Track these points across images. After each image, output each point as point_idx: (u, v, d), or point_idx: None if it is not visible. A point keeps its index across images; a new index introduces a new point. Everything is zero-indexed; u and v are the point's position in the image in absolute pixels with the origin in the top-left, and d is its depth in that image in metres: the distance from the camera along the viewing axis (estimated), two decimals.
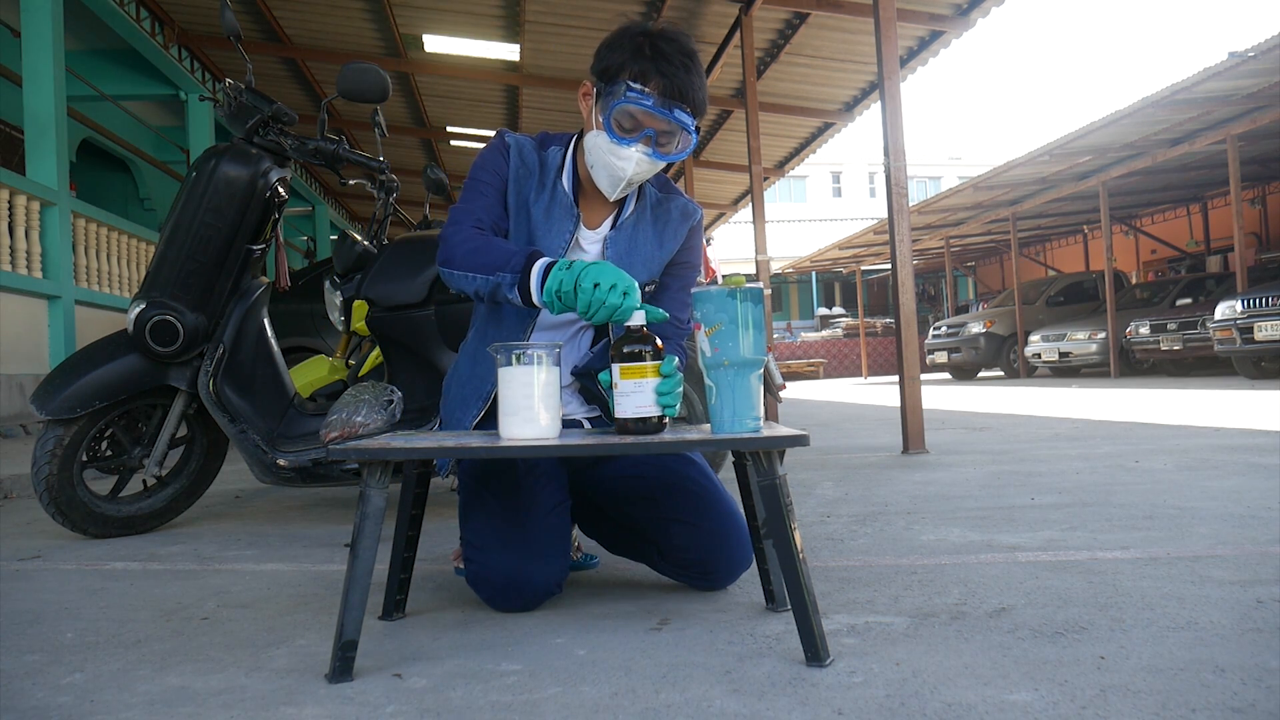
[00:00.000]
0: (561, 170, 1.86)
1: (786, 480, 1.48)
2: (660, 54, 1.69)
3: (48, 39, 7.07)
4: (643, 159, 1.73)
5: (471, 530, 1.81)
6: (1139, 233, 17.98)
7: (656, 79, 1.68)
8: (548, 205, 1.83)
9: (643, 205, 1.89)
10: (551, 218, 1.82)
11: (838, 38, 8.01)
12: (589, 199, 1.87)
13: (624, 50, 1.72)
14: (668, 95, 1.69)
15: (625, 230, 1.87)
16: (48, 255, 7.23)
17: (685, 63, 1.70)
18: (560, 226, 1.82)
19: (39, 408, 2.72)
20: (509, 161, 1.84)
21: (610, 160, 1.74)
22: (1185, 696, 1.22)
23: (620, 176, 1.75)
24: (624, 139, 1.72)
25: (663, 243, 1.90)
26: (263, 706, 1.31)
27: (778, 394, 3.28)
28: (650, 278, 1.89)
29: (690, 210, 1.94)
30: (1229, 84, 9.28)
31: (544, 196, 1.83)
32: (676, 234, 1.91)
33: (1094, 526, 2.43)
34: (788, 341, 24.52)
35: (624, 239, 1.86)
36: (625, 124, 1.72)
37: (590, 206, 1.88)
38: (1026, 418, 6.65)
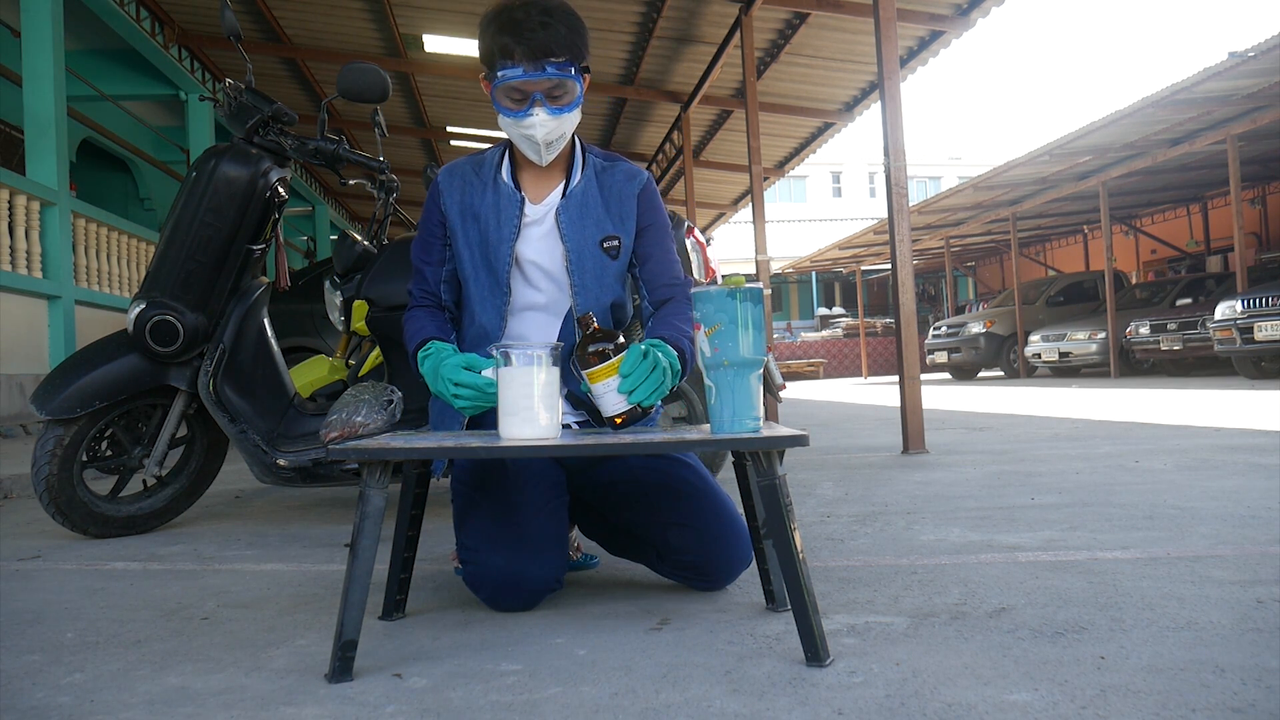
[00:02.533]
0: (500, 165, 1.97)
1: (786, 480, 1.48)
2: (515, 23, 1.79)
3: (48, 39, 7.07)
4: (546, 119, 1.83)
5: (467, 533, 1.82)
6: (1139, 233, 17.98)
7: (519, 48, 1.78)
8: (495, 201, 1.93)
9: (589, 174, 1.98)
10: (500, 211, 1.93)
11: (838, 38, 8.01)
12: (533, 178, 1.97)
13: (487, 34, 1.83)
14: (534, 58, 1.78)
15: (574, 199, 1.95)
16: (48, 255, 7.23)
17: (542, 20, 1.79)
18: (507, 216, 1.92)
19: (39, 408, 2.72)
20: (445, 198, 1.95)
21: (520, 133, 1.85)
22: (1185, 696, 1.22)
23: (535, 141, 1.85)
24: (519, 111, 1.83)
25: (609, 206, 1.96)
26: (263, 706, 1.31)
27: (778, 394, 3.28)
28: (607, 234, 1.95)
29: (634, 172, 2.01)
30: (1229, 84, 9.28)
31: (488, 194, 1.94)
32: (623, 196, 1.97)
33: (1094, 526, 2.43)
34: (788, 341, 24.52)
35: (574, 206, 1.95)
36: (514, 97, 1.83)
37: (536, 183, 1.97)
38: (1026, 418, 6.65)
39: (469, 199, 1.94)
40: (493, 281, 1.91)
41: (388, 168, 3.18)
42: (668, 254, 2.00)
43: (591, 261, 1.93)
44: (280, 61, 10.17)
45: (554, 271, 1.94)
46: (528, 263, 1.93)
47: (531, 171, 1.96)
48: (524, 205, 1.93)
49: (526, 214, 1.93)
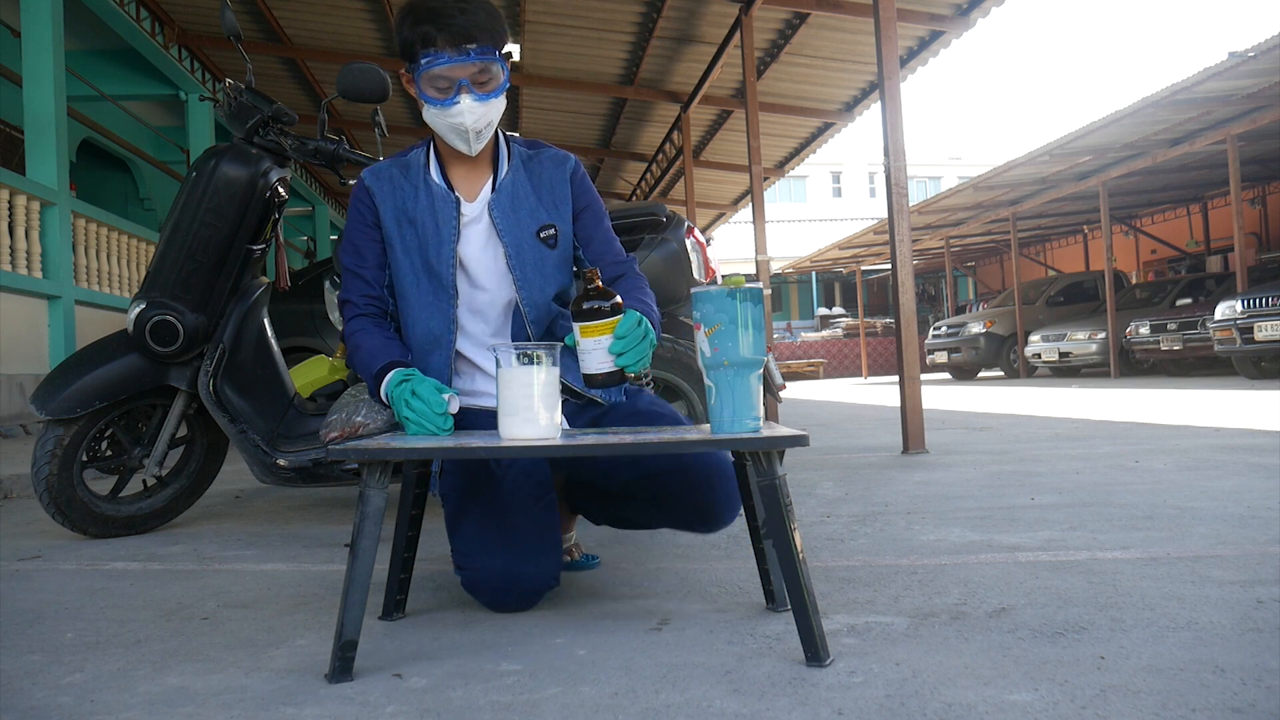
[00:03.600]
0: (427, 165, 1.94)
1: (786, 480, 1.48)
2: (433, 11, 1.78)
3: (48, 39, 7.06)
4: (474, 106, 1.81)
5: (460, 539, 1.82)
6: (1139, 233, 17.98)
7: (439, 35, 1.78)
8: (430, 204, 1.90)
9: (515, 165, 1.96)
10: (437, 214, 1.89)
11: (838, 38, 8.01)
12: (462, 174, 1.94)
13: (406, 24, 1.82)
14: (457, 43, 1.78)
15: (505, 191, 1.93)
16: (48, 255, 7.23)
17: (461, 6, 1.79)
18: (445, 218, 1.89)
19: (39, 408, 2.72)
20: (376, 202, 1.91)
21: (447, 122, 1.83)
22: (1185, 696, 1.22)
23: (464, 129, 1.83)
24: (446, 100, 1.81)
25: (541, 195, 1.95)
26: (263, 706, 1.31)
27: (778, 394, 3.28)
28: (542, 224, 1.94)
29: (561, 157, 2.00)
30: (1229, 84, 9.28)
31: (422, 197, 1.90)
32: (553, 182, 1.97)
33: (1094, 526, 2.43)
34: (788, 341, 24.52)
35: (505, 199, 1.93)
36: (440, 85, 1.81)
37: (466, 181, 1.94)
38: (1026, 418, 6.65)
39: (402, 203, 1.90)
40: (436, 285, 1.88)
41: None
42: (608, 233, 2.02)
43: (531, 253, 1.91)
44: (280, 61, 10.17)
45: (496, 268, 1.92)
46: (471, 261, 1.91)
47: (460, 168, 1.94)
48: (460, 205, 1.91)
49: (464, 213, 1.91)
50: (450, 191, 1.91)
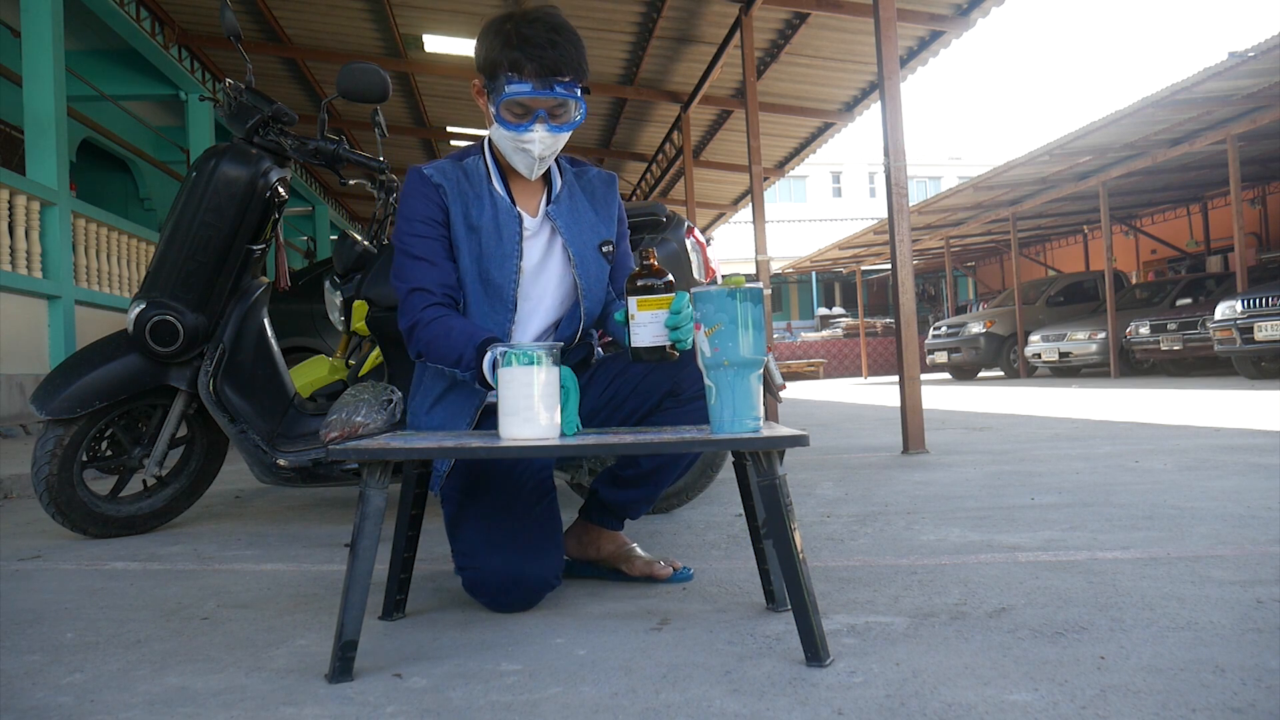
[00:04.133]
0: (489, 175, 1.95)
1: (786, 480, 1.48)
2: (526, 39, 1.79)
3: (48, 39, 7.06)
4: (545, 136, 1.85)
5: (461, 540, 1.82)
6: (1139, 233, 17.98)
7: (528, 65, 1.79)
8: (494, 217, 1.91)
9: (568, 179, 2.02)
10: (500, 228, 1.90)
11: (838, 38, 8.01)
12: (520, 188, 1.98)
13: (494, 44, 1.82)
14: (543, 75, 1.79)
15: (563, 205, 1.98)
16: (48, 255, 7.23)
17: (552, 39, 1.81)
18: (509, 232, 1.91)
19: (39, 408, 2.72)
20: (447, 202, 1.90)
21: (517, 147, 1.86)
22: (1185, 696, 1.22)
23: (532, 157, 1.87)
24: (520, 126, 1.84)
25: (597, 209, 2.02)
26: (263, 706, 1.31)
27: (778, 394, 3.28)
28: (601, 239, 2.00)
29: (608, 177, 2.08)
30: (1229, 84, 9.28)
31: (486, 208, 1.91)
32: (607, 200, 2.05)
33: (1094, 526, 2.43)
34: (788, 341, 24.52)
35: (565, 211, 1.98)
36: (516, 111, 1.83)
37: (523, 195, 1.99)
38: (1026, 418, 6.65)
39: (466, 208, 1.91)
40: (494, 297, 1.89)
41: (388, 168, 3.18)
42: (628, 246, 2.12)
43: (594, 265, 1.96)
44: (280, 61, 10.17)
45: (550, 281, 1.96)
46: (527, 275, 1.93)
47: (518, 181, 1.97)
48: (523, 221, 1.93)
49: (526, 227, 1.94)
50: (513, 205, 1.93)
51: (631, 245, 2.90)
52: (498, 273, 1.89)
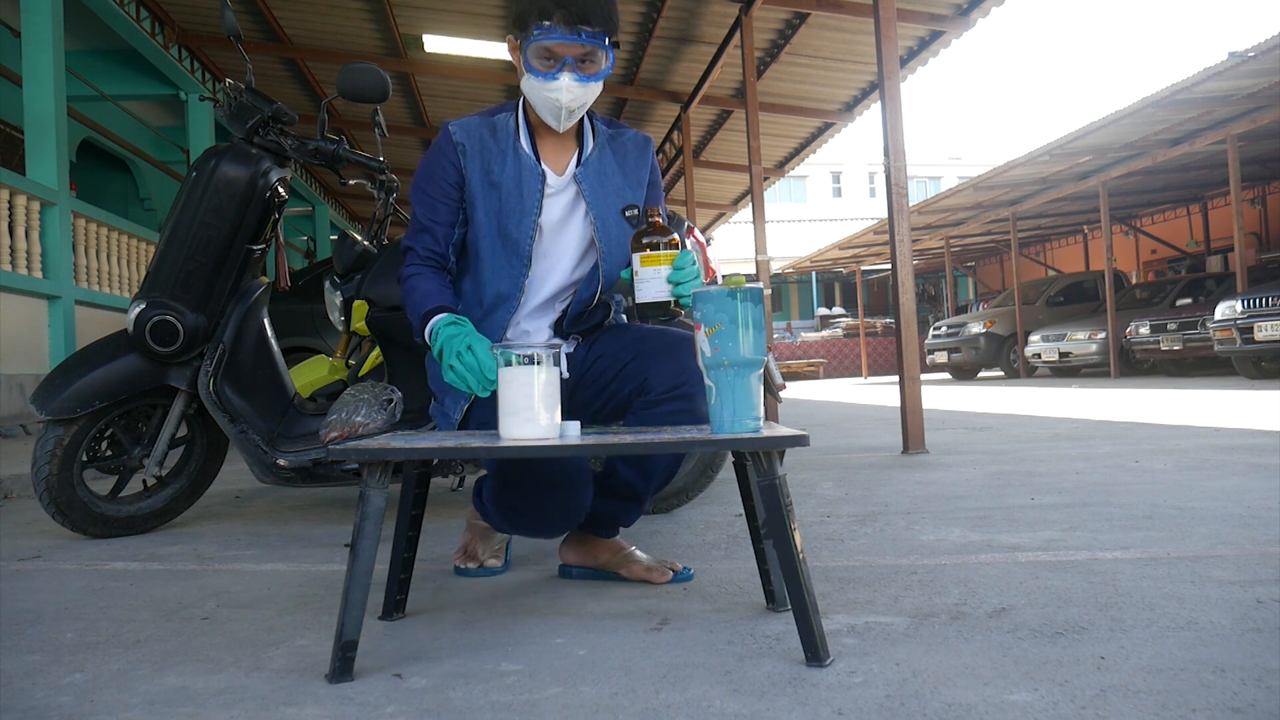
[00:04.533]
0: (517, 132, 1.97)
1: (786, 480, 1.48)
2: None
3: (48, 39, 7.06)
4: (572, 85, 1.85)
5: (495, 467, 1.88)
6: (1139, 233, 17.98)
7: (558, 11, 1.81)
8: (516, 172, 1.93)
9: (600, 142, 2.01)
10: (522, 184, 1.93)
11: (838, 38, 8.01)
12: (550, 147, 1.99)
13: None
14: (571, 22, 1.81)
15: (592, 166, 1.98)
16: (48, 255, 7.23)
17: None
18: (530, 188, 1.93)
19: (39, 408, 2.72)
20: (465, 162, 1.93)
21: (545, 96, 1.87)
22: (1185, 696, 1.22)
23: (559, 106, 1.87)
24: (548, 73, 1.85)
25: (627, 172, 2.01)
26: (263, 706, 1.31)
27: (778, 394, 3.28)
28: (627, 202, 1.98)
29: (643, 140, 2.07)
30: (1229, 84, 9.28)
31: (508, 164, 1.93)
32: (639, 163, 2.04)
33: (1094, 526, 2.43)
34: (788, 341, 24.52)
35: (593, 173, 1.98)
36: (544, 58, 1.85)
37: (553, 153, 1.99)
38: (1026, 418, 6.65)
39: (488, 164, 1.93)
40: (511, 253, 1.92)
41: (388, 168, 3.18)
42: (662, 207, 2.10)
43: (615, 229, 1.96)
44: (280, 61, 10.17)
45: (571, 241, 1.97)
46: (547, 233, 1.95)
47: (549, 139, 1.98)
48: (546, 178, 1.94)
49: (549, 185, 1.95)
50: (538, 163, 1.95)
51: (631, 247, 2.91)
52: (515, 228, 1.91)
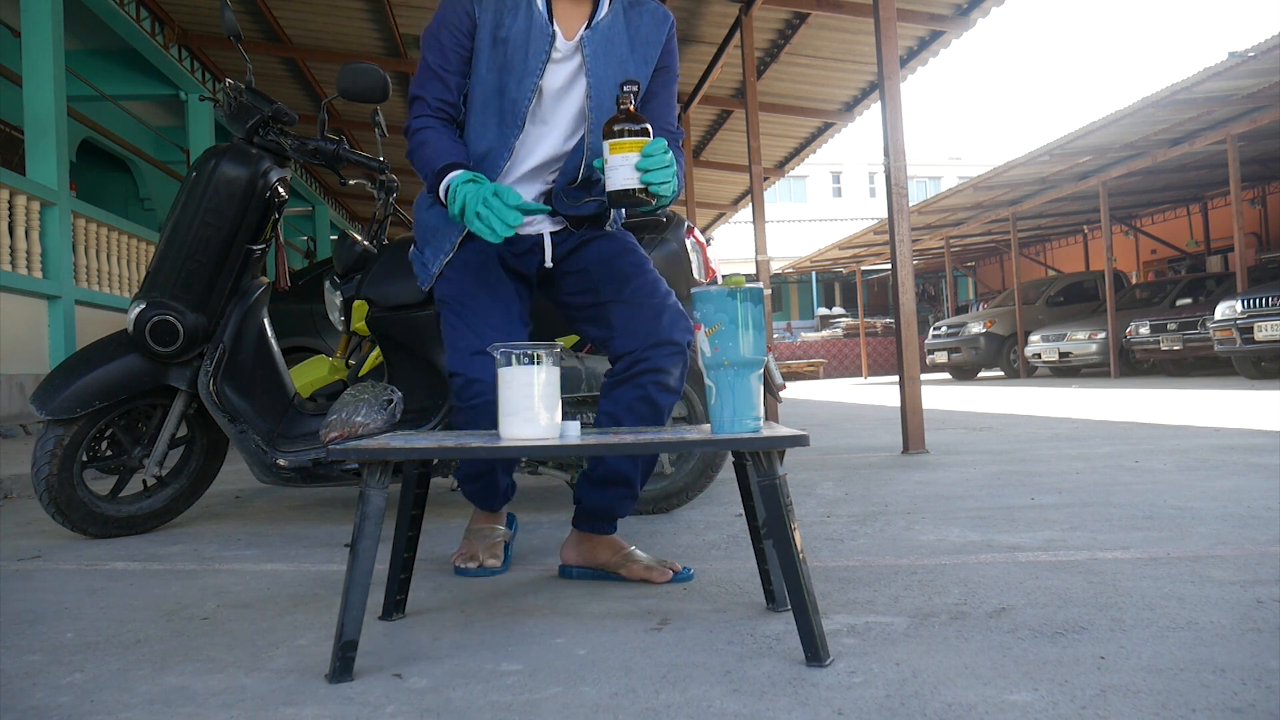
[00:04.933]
0: None
1: (786, 480, 1.48)
2: None
3: (48, 39, 7.06)
4: None
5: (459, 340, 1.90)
6: (1139, 233, 17.98)
7: None
8: (526, 29, 1.88)
9: (616, 9, 1.94)
10: (529, 43, 1.88)
11: (838, 38, 8.01)
12: (564, 8, 1.92)
13: None
14: None
15: (600, 32, 1.92)
16: (48, 255, 7.23)
17: None
18: (536, 48, 1.88)
19: (39, 408, 2.72)
20: (478, 12, 1.88)
21: None
22: (1185, 696, 1.22)
23: None
24: None
25: (634, 46, 1.95)
26: (263, 706, 1.31)
27: (778, 394, 3.28)
28: (626, 77, 1.94)
29: (662, 15, 1.99)
30: (1229, 84, 9.28)
31: (520, 19, 1.88)
32: (650, 39, 1.96)
33: (1094, 526, 2.43)
34: (788, 341, 24.52)
35: (599, 41, 1.92)
36: None
37: (566, 13, 1.92)
38: (1026, 418, 6.65)
39: (500, 17, 1.88)
40: (505, 110, 1.90)
41: (388, 168, 3.18)
42: (671, 98, 2.04)
43: (610, 101, 1.93)
44: (280, 61, 10.17)
45: (569, 109, 1.94)
46: (547, 97, 1.92)
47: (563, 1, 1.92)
48: (555, 40, 1.90)
49: (556, 48, 1.91)
50: (550, 22, 1.90)
51: None
52: (515, 88, 1.88)
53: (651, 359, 1.91)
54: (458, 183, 1.81)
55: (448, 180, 1.83)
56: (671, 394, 1.97)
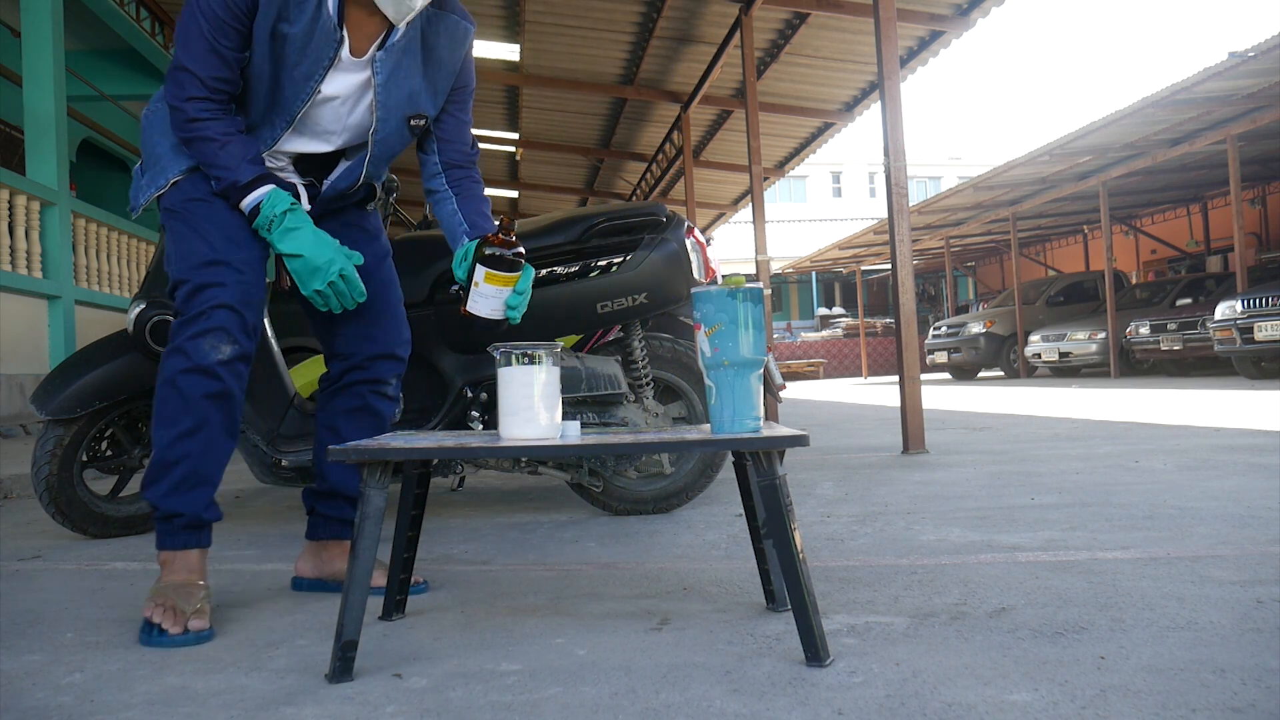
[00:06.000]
0: None
1: (786, 480, 1.48)
2: None
3: (48, 39, 7.07)
4: None
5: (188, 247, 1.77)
6: (1139, 233, 17.98)
7: None
8: (308, 28, 1.70)
9: (413, 28, 1.80)
10: (310, 45, 1.71)
11: (838, 38, 8.01)
12: (358, 17, 1.75)
13: None
14: None
15: (394, 53, 1.79)
16: (48, 255, 7.23)
17: None
18: (319, 54, 1.72)
19: (39, 408, 2.72)
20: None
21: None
22: (1185, 696, 1.22)
23: (411, 8, 1.70)
24: None
25: (428, 72, 1.84)
26: (263, 706, 1.31)
27: (778, 394, 3.28)
28: (415, 111, 1.84)
29: (461, 33, 1.86)
30: (1229, 84, 9.27)
31: (304, 17, 1.70)
32: (445, 64, 1.85)
33: (1094, 526, 2.43)
34: (788, 341, 24.52)
35: (391, 63, 1.79)
36: None
37: (360, 24, 1.76)
38: (1026, 418, 6.65)
39: (286, 10, 1.69)
40: (278, 107, 1.77)
41: None
42: (468, 115, 1.97)
43: (395, 135, 1.87)
44: None
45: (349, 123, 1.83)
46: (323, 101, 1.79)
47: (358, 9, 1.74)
48: (341, 48, 1.74)
49: (341, 58, 1.75)
50: (338, 28, 1.73)
51: (632, 246, 2.91)
52: (290, 88, 1.75)
53: (371, 370, 1.95)
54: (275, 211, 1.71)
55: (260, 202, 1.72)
56: (392, 403, 2.02)
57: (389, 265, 2.04)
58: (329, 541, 2.05)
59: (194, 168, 1.79)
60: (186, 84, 1.71)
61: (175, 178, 1.81)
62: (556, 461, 2.81)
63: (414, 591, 1.95)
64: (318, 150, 1.87)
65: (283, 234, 1.73)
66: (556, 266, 2.84)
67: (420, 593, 1.96)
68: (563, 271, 2.83)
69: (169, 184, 1.82)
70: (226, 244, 1.76)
